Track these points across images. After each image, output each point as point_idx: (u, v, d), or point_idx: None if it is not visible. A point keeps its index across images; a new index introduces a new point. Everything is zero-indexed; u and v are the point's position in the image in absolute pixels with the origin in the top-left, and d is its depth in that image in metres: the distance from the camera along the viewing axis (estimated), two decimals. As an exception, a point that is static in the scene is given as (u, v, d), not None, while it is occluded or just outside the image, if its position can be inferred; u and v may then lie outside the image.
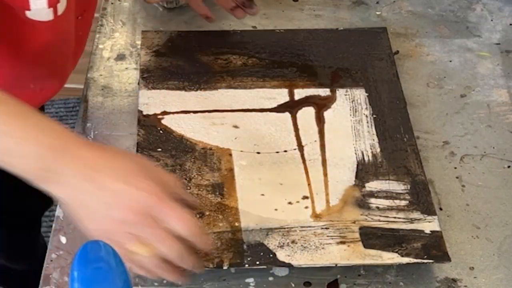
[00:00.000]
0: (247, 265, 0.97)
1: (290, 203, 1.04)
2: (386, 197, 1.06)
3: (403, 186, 1.07)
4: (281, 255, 0.98)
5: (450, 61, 1.30)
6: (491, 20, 1.38)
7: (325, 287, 1.00)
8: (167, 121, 1.14)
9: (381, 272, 1.02)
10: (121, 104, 1.20)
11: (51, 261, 1.01)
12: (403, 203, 1.05)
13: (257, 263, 0.97)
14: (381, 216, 1.03)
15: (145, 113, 1.15)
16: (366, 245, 1.00)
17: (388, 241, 1.00)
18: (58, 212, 1.06)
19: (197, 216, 1.02)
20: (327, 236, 1.01)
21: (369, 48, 1.27)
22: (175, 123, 1.13)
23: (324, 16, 1.38)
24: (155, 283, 0.98)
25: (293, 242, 1.00)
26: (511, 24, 1.38)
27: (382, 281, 1.01)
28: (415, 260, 0.98)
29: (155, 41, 1.26)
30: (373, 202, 1.05)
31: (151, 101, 1.16)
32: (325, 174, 1.08)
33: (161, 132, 1.12)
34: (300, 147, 1.12)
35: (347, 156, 1.10)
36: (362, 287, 1.00)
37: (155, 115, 1.14)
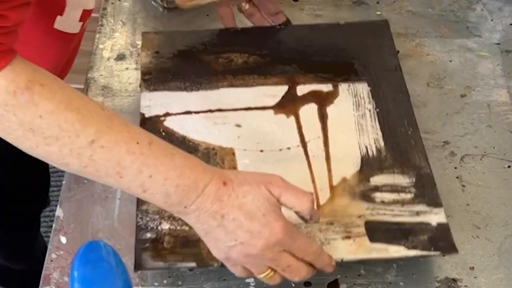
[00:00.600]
0: (252, 263, 0.97)
1: (294, 200, 1.04)
2: (391, 191, 1.05)
3: (408, 179, 1.06)
4: (287, 252, 0.98)
5: (450, 61, 1.30)
6: (491, 20, 1.38)
7: (325, 287, 0.99)
8: (169, 122, 1.13)
9: (381, 272, 1.01)
10: (121, 104, 1.20)
11: (51, 261, 1.01)
12: (409, 196, 1.04)
13: (262, 260, 0.97)
14: (386, 210, 1.02)
15: (147, 115, 1.14)
16: (372, 239, 0.99)
17: (394, 234, 1.00)
18: (58, 212, 1.06)
19: None
20: (332, 231, 1.00)
21: (370, 42, 1.26)
22: (177, 125, 1.13)
23: (324, 16, 1.37)
24: (155, 283, 0.99)
25: (298, 238, 0.99)
26: (511, 24, 1.37)
27: (382, 281, 1.00)
28: (422, 253, 0.98)
29: (155, 42, 1.25)
30: (378, 196, 1.04)
31: (153, 103, 1.16)
32: (329, 170, 1.07)
33: (163, 134, 1.12)
34: (304, 144, 1.11)
35: (351, 151, 1.10)
36: (362, 287, 0.99)
37: (157, 117, 1.14)
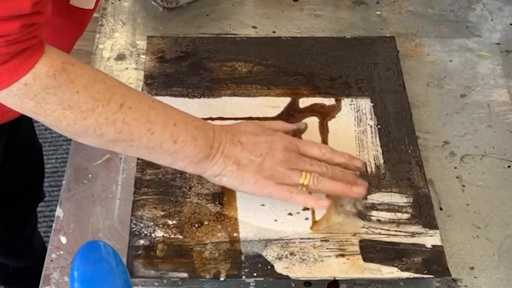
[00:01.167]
0: (244, 277, 0.97)
1: (290, 214, 1.04)
2: (388, 210, 1.04)
3: (405, 199, 1.06)
4: (279, 267, 0.98)
5: (450, 61, 1.30)
6: (491, 20, 1.37)
7: (325, 287, 0.99)
8: (169, 128, 1.13)
9: (381, 272, 1.01)
10: (122, 106, 1.19)
11: (51, 261, 1.01)
12: (405, 216, 1.04)
13: (255, 274, 0.97)
14: (382, 229, 1.02)
15: (147, 119, 1.14)
16: (365, 259, 0.99)
17: (388, 255, 0.99)
18: (58, 212, 1.06)
19: (196, 226, 1.01)
20: (327, 248, 1.00)
21: (376, 57, 1.26)
22: (177, 131, 1.13)
23: (324, 16, 1.37)
24: (155, 283, 0.98)
25: (291, 254, 0.99)
26: (511, 24, 1.37)
27: (382, 281, 1.00)
28: (415, 275, 0.97)
29: (160, 46, 1.25)
30: (375, 214, 1.04)
31: (154, 107, 1.15)
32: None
33: (162, 139, 1.11)
34: (303, 157, 1.11)
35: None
36: (362, 287, 0.99)
37: (157, 122, 1.14)
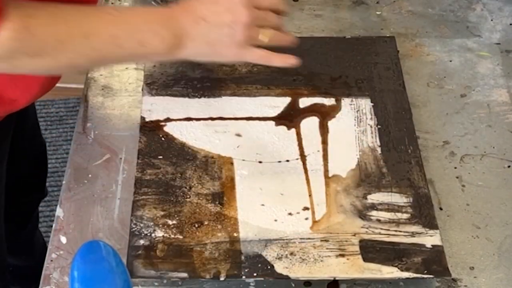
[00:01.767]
0: (244, 277, 0.97)
1: (290, 214, 1.04)
2: (388, 210, 1.04)
3: (405, 199, 1.06)
4: (279, 267, 0.98)
5: (450, 61, 1.30)
6: (491, 20, 1.38)
7: (325, 287, 0.99)
8: (169, 128, 1.13)
9: (381, 272, 1.01)
10: (121, 104, 1.20)
11: (51, 261, 1.01)
12: (405, 216, 1.04)
13: (255, 274, 0.97)
14: (382, 229, 1.02)
15: (147, 119, 1.14)
16: (365, 259, 0.99)
17: (388, 255, 0.99)
18: (58, 212, 1.06)
19: (196, 226, 1.01)
20: (327, 248, 1.00)
21: (376, 57, 1.26)
22: (178, 131, 1.13)
23: (324, 16, 1.37)
24: (155, 283, 0.98)
25: (291, 254, 0.99)
26: (511, 24, 1.37)
27: (382, 281, 1.00)
28: (415, 275, 0.97)
29: (160, 46, 1.25)
30: (375, 214, 1.04)
31: (154, 107, 1.16)
32: (327, 185, 1.07)
33: (162, 139, 1.12)
34: (303, 157, 1.11)
35: (350, 167, 1.09)
36: (362, 287, 0.99)
37: (157, 122, 1.14)
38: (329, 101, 1.18)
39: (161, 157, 1.09)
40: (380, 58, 1.26)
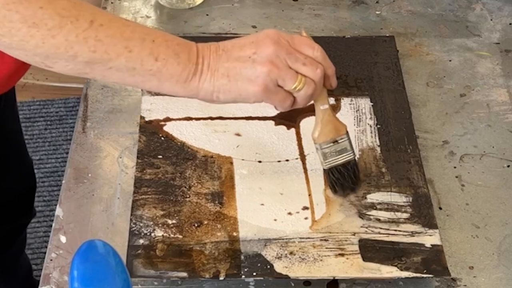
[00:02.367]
0: (243, 276, 0.97)
1: (289, 213, 1.04)
2: (387, 209, 1.05)
3: (405, 198, 1.06)
4: (279, 267, 0.98)
5: (450, 60, 1.30)
6: (491, 20, 1.38)
7: (324, 287, 0.99)
8: (169, 127, 1.13)
9: (380, 271, 1.01)
10: (121, 104, 1.20)
11: (51, 260, 1.01)
12: (404, 215, 1.04)
13: (254, 274, 0.97)
14: (381, 228, 1.02)
15: (147, 119, 1.14)
16: (365, 258, 0.99)
17: (387, 254, 0.99)
18: (58, 211, 1.06)
19: (195, 225, 1.01)
20: (326, 248, 1.00)
21: (375, 57, 1.26)
22: (177, 130, 1.13)
23: (324, 15, 1.37)
24: (155, 283, 0.98)
25: (291, 253, 0.99)
26: (510, 24, 1.37)
27: (381, 280, 1.00)
28: (415, 275, 0.98)
29: (160, 46, 1.25)
30: (374, 214, 1.04)
31: (154, 107, 1.16)
32: (327, 185, 1.07)
33: (162, 139, 1.12)
34: (302, 157, 1.11)
35: (350, 167, 1.09)
36: (362, 287, 0.99)
37: (157, 121, 1.14)
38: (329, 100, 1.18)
39: (160, 156, 1.10)
40: (379, 58, 1.26)
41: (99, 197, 1.08)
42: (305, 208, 1.04)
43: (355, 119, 1.16)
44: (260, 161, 1.10)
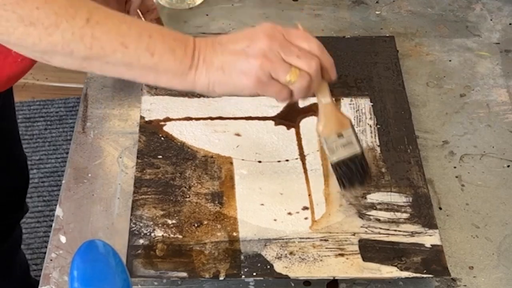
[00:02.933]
0: (243, 276, 0.97)
1: (289, 213, 1.04)
2: (387, 209, 1.05)
3: (405, 198, 1.06)
4: (279, 267, 0.98)
5: (450, 60, 1.30)
6: (491, 20, 1.38)
7: (324, 287, 0.99)
8: (168, 128, 1.13)
9: (380, 271, 1.01)
10: (121, 104, 1.20)
11: (51, 260, 1.01)
12: (404, 215, 1.04)
13: (254, 274, 0.97)
14: (381, 228, 1.02)
15: (147, 119, 1.14)
16: (365, 258, 0.99)
17: (387, 254, 0.99)
18: (58, 211, 1.06)
19: (195, 225, 1.02)
20: (326, 248, 1.00)
21: (375, 57, 1.26)
22: (177, 130, 1.13)
23: (323, 15, 1.37)
24: (155, 283, 0.98)
25: (291, 253, 0.99)
26: (510, 24, 1.37)
27: (381, 280, 1.00)
28: (414, 275, 0.98)
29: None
30: (374, 214, 1.04)
31: (154, 107, 1.16)
32: (326, 185, 1.07)
33: (162, 139, 1.12)
34: (302, 157, 1.11)
35: (349, 167, 1.09)
36: (361, 287, 0.99)
37: (157, 121, 1.14)
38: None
39: (160, 156, 1.10)
40: (379, 58, 1.26)
41: (99, 197, 1.08)
42: (305, 208, 1.04)
43: (355, 119, 1.16)
44: (260, 161, 1.10)
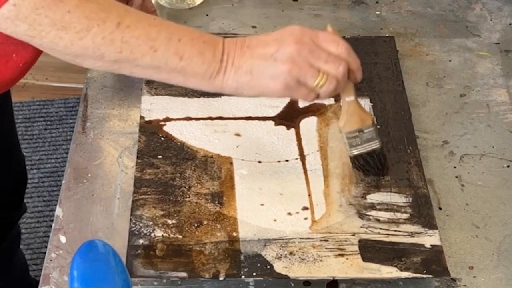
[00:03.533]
0: (243, 276, 0.97)
1: (289, 213, 1.04)
2: (387, 210, 1.05)
3: (404, 198, 1.06)
4: (279, 267, 0.98)
5: (450, 60, 1.30)
6: (491, 20, 1.38)
7: (324, 287, 0.99)
8: (168, 128, 1.13)
9: (380, 272, 1.01)
10: (121, 104, 1.20)
11: (51, 260, 1.01)
12: (404, 216, 1.04)
13: (254, 274, 0.97)
14: (381, 229, 1.02)
15: (147, 119, 1.14)
16: (365, 258, 0.99)
17: (387, 254, 0.99)
18: (58, 211, 1.06)
19: (195, 225, 1.02)
20: (326, 248, 1.00)
21: (375, 57, 1.26)
22: (177, 130, 1.13)
23: (323, 15, 1.38)
24: (155, 283, 0.98)
25: (291, 253, 0.99)
26: (510, 24, 1.38)
27: (381, 280, 1.00)
28: (414, 275, 0.98)
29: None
30: (374, 214, 1.04)
31: (154, 107, 1.16)
32: (326, 185, 1.07)
33: (162, 139, 1.12)
34: (302, 157, 1.11)
35: (349, 167, 1.09)
36: (361, 287, 0.99)
37: (157, 121, 1.14)
38: (328, 101, 1.18)
39: (160, 156, 1.10)
40: (379, 58, 1.26)
41: (99, 197, 1.08)
42: (305, 208, 1.04)
43: (355, 120, 1.16)
44: (260, 161, 1.10)
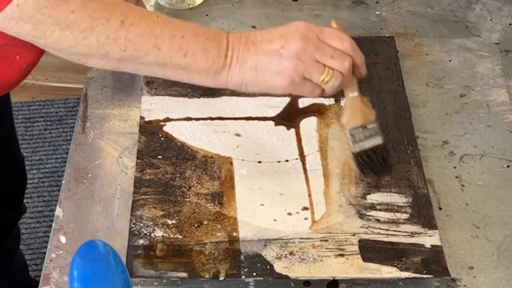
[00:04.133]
0: (243, 276, 0.97)
1: (289, 213, 1.04)
2: (387, 210, 1.05)
3: (404, 199, 1.06)
4: (279, 267, 0.98)
5: (450, 60, 1.30)
6: (491, 20, 1.38)
7: (324, 287, 0.99)
8: (168, 128, 1.13)
9: (380, 272, 1.01)
10: (121, 104, 1.20)
11: (51, 260, 1.01)
12: (404, 216, 1.04)
13: (254, 274, 0.97)
14: (381, 229, 1.02)
15: (147, 119, 1.14)
16: (365, 259, 0.99)
17: (387, 255, 0.99)
18: (58, 211, 1.06)
19: (195, 225, 1.02)
20: (326, 248, 1.00)
21: (375, 57, 1.26)
22: (177, 130, 1.13)
23: (323, 16, 1.37)
24: (155, 283, 0.98)
25: (291, 253, 0.99)
26: (510, 24, 1.38)
27: (381, 281, 1.00)
28: (414, 275, 0.98)
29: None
30: (374, 214, 1.04)
31: (154, 107, 1.16)
32: (326, 185, 1.07)
33: (162, 139, 1.12)
34: (302, 157, 1.11)
35: (349, 167, 1.09)
36: (361, 287, 0.99)
37: (157, 122, 1.14)
38: (328, 101, 1.19)
39: (160, 157, 1.10)
40: (379, 58, 1.26)
41: (99, 197, 1.08)
42: (305, 208, 1.04)
43: (355, 120, 1.16)
44: (260, 162, 1.10)
